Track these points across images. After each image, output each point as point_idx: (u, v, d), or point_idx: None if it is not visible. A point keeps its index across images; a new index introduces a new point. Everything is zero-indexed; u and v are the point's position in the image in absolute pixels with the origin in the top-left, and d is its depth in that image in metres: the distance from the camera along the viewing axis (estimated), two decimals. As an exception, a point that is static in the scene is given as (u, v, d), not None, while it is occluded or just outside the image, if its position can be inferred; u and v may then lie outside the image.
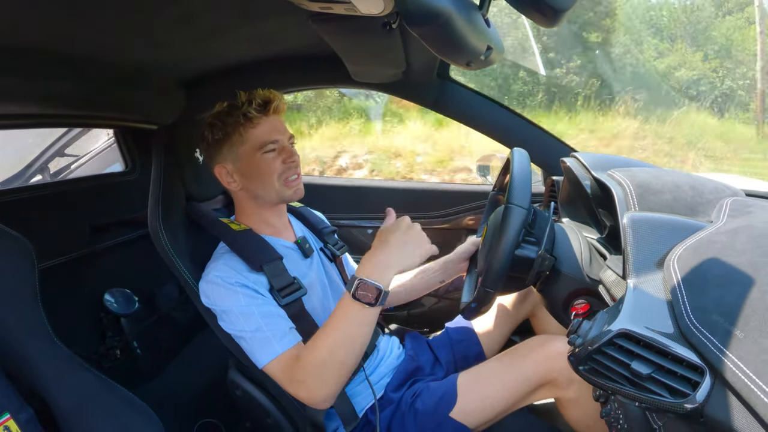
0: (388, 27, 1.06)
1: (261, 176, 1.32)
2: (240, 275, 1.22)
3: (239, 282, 1.20)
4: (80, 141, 3.20)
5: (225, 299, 1.19)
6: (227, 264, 1.24)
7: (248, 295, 1.20)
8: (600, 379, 0.72)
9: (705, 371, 0.61)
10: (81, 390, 1.01)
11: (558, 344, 1.25)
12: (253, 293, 1.20)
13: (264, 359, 1.16)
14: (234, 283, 1.20)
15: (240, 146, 1.31)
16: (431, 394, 1.32)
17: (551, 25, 0.85)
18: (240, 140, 1.31)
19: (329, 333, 1.12)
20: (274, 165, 1.32)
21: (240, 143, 1.31)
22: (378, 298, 1.07)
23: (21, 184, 2.89)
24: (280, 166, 1.32)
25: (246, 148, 1.31)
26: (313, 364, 1.11)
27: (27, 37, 0.97)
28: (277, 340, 1.16)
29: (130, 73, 1.34)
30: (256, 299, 1.20)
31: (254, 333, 1.17)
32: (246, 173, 1.33)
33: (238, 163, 1.33)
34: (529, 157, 1.17)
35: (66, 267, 1.69)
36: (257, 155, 1.31)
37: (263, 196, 1.36)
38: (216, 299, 1.21)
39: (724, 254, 0.72)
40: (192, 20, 1.08)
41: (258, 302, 1.20)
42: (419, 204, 2.23)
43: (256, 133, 1.31)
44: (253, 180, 1.33)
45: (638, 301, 0.76)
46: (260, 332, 1.16)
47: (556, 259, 1.11)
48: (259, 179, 1.33)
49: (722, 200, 0.93)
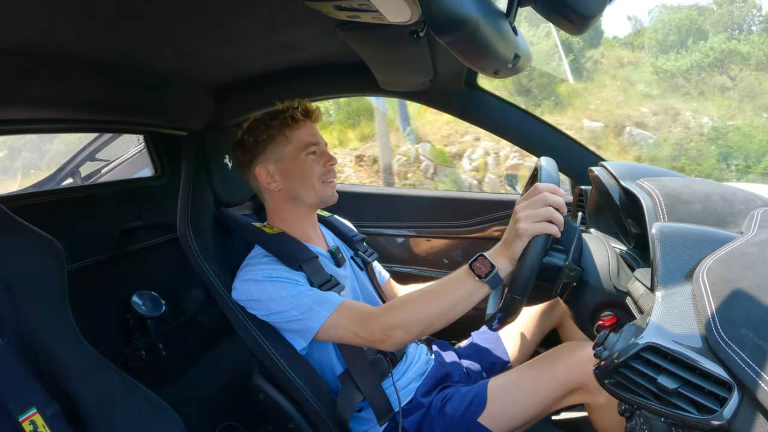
0: (416, 35, 1.06)
1: (303, 176, 1.38)
2: (282, 270, 1.28)
3: (282, 276, 1.26)
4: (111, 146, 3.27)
5: (270, 290, 1.25)
6: (268, 264, 1.30)
7: (293, 282, 1.26)
8: (626, 393, 0.70)
9: (733, 387, 0.59)
10: (105, 389, 1.03)
11: (588, 350, 1.25)
12: (297, 282, 1.26)
13: (323, 316, 1.22)
14: (277, 276, 1.26)
15: (285, 146, 1.38)
16: (461, 399, 1.33)
17: (579, 33, 0.84)
18: (285, 140, 1.38)
19: (432, 290, 1.17)
20: (316, 166, 1.38)
21: (285, 143, 1.38)
22: (489, 274, 1.08)
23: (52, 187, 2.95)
24: (321, 168, 1.39)
25: (290, 148, 1.38)
26: (405, 313, 1.17)
27: (62, 44, 1.00)
28: (330, 298, 1.25)
29: (161, 79, 1.38)
30: (299, 284, 1.26)
31: (304, 307, 1.23)
32: (288, 173, 1.38)
33: (281, 163, 1.38)
34: (556, 166, 1.16)
35: (94, 269, 1.72)
36: (301, 156, 1.37)
37: (302, 197, 1.40)
38: (259, 293, 1.26)
39: (755, 266, 0.71)
40: (221, 28, 1.10)
41: (302, 286, 1.26)
42: (447, 213, 2.22)
43: (301, 134, 1.38)
44: (294, 180, 1.38)
45: (666, 313, 0.74)
46: (310, 301, 1.23)
47: (583, 269, 1.10)
48: (300, 179, 1.38)
49: (753, 210, 0.91)
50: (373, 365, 1.37)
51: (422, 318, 1.15)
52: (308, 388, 1.28)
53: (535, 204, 1.04)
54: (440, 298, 1.14)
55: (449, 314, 1.14)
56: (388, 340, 1.18)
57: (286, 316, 1.24)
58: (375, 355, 1.39)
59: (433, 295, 1.15)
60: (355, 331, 1.21)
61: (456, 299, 1.12)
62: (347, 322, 1.21)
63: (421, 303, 1.16)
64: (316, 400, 1.28)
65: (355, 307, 1.24)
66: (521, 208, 1.05)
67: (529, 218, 1.03)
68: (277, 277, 1.26)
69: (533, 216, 1.02)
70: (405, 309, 1.18)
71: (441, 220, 2.19)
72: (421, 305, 1.16)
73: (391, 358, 1.42)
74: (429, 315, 1.15)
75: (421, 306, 1.16)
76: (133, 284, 1.91)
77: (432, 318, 1.14)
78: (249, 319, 1.29)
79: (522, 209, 1.05)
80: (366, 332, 1.19)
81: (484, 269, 1.08)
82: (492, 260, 1.08)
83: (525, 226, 1.02)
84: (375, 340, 1.19)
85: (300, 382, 1.27)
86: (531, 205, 1.04)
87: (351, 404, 1.31)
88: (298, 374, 1.28)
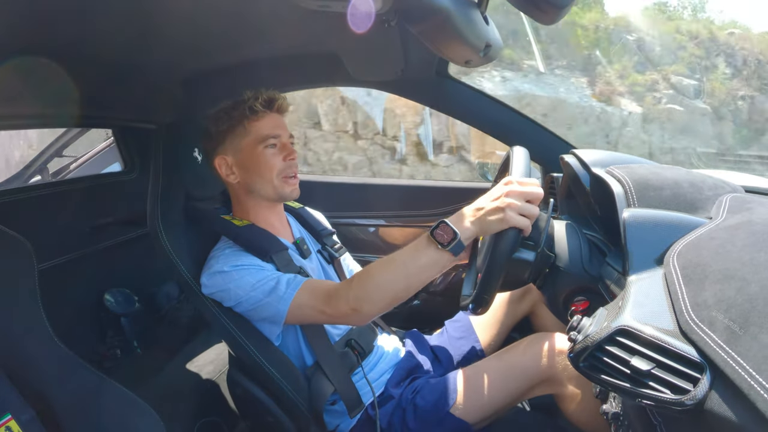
0: (387, 25, 1.06)
1: (260, 170, 1.34)
2: (246, 257, 1.27)
3: (246, 262, 1.26)
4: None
5: (235, 277, 1.24)
6: (234, 254, 1.29)
7: (257, 267, 1.26)
8: (600, 376, 0.72)
9: (705, 367, 0.60)
10: (82, 390, 1.01)
11: (557, 341, 1.27)
12: (261, 267, 1.26)
13: (289, 296, 1.21)
14: (242, 264, 1.25)
15: (243, 138, 1.34)
16: (431, 390, 1.34)
17: (551, 22, 0.85)
18: (243, 132, 1.34)
19: (394, 259, 1.13)
20: (274, 161, 1.34)
21: (243, 135, 1.34)
22: (451, 242, 1.05)
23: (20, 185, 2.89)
24: (280, 163, 1.35)
25: (248, 140, 1.34)
26: (368, 284, 1.15)
27: (25, 37, 0.97)
28: (294, 279, 1.25)
29: (129, 72, 1.34)
30: (263, 269, 1.26)
31: (269, 288, 1.22)
32: (246, 166, 1.36)
33: (239, 155, 1.35)
34: (528, 155, 1.17)
35: (66, 267, 1.69)
36: (258, 148, 1.33)
37: (260, 191, 1.37)
38: (225, 282, 1.25)
39: (724, 250, 0.72)
40: (189, 19, 1.08)
41: (267, 271, 1.26)
42: (418, 201, 2.22)
43: (259, 126, 1.34)
44: (251, 174, 1.36)
45: (638, 297, 0.76)
46: (274, 282, 1.23)
47: (555, 256, 1.11)
48: (257, 173, 1.35)
49: (722, 197, 0.93)
50: (341, 358, 1.37)
51: (387, 288, 1.13)
52: (285, 381, 1.28)
53: (528, 196, 1.02)
54: (402, 268, 1.12)
55: (414, 283, 1.13)
56: (355, 314, 1.16)
57: (254, 302, 1.23)
58: (343, 349, 1.40)
59: (395, 266, 1.13)
60: (322, 309, 1.20)
61: (419, 267, 1.10)
62: (313, 300, 1.20)
63: (384, 273, 1.14)
64: (294, 393, 1.28)
65: (319, 285, 1.24)
66: (514, 193, 1.01)
67: (516, 208, 1.00)
68: (242, 265, 1.25)
69: (521, 208, 1.00)
70: (368, 280, 1.16)
71: (412, 209, 2.20)
72: (384, 275, 1.14)
73: (360, 351, 1.42)
74: (393, 285, 1.13)
75: (383, 276, 1.14)
76: (105, 282, 1.88)
77: (397, 288, 1.13)
78: (223, 314, 1.28)
79: (514, 195, 1.01)
80: (332, 308, 1.18)
81: (446, 236, 1.05)
82: (454, 227, 1.05)
83: (511, 214, 1.00)
84: (342, 314, 1.18)
85: (277, 374, 1.27)
86: (523, 195, 1.01)
87: (323, 396, 1.30)
88: (275, 366, 1.28)
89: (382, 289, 1.14)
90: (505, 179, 1.06)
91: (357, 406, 1.34)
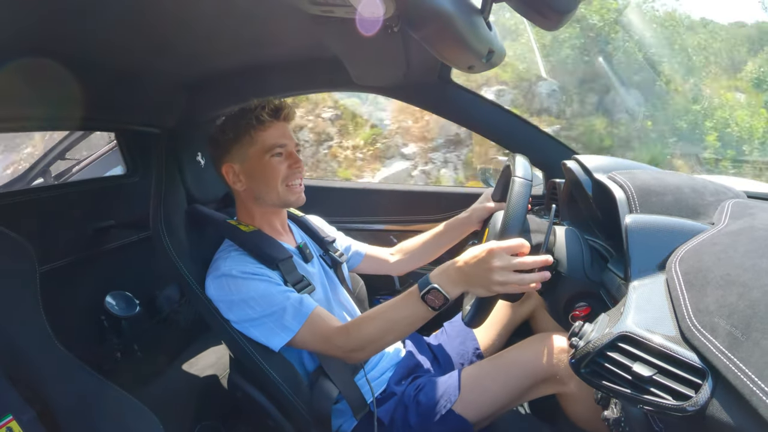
0: (390, 30, 1.06)
1: (266, 179, 1.35)
2: (257, 267, 1.28)
3: (258, 272, 1.26)
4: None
5: (243, 288, 1.24)
6: (241, 258, 1.29)
7: (266, 279, 1.26)
8: (601, 382, 0.71)
9: (707, 373, 0.60)
10: (81, 392, 1.01)
11: (559, 340, 1.28)
12: (269, 279, 1.27)
13: (292, 328, 1.24)
14: (252, 273, 1.26)
15: (249, 147, 1.35)
16: (434, 388, 1.35)
17: (553, 28, 0.85)
18: (250, 141, 1.35)
19: (386, 317, 1.20)
20: (280, 169, 1.35)
21: (249, 144, 1.35)
22: (442, 306, 1.10)
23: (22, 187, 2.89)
24: (286, 170, 1.36)
25: (255, 149, 1.35)
26: (361, 337, 1.21)
27: (30, 40, 0.98)
28: (301, 308, 1.25)
29: (132, 76, 1.35)
30: (272, 282, 1.27)
31: (274, 315, 1.24)
32: (252, 174, 1.36)
33: (246, 164, 1.36)
34: (529, 162, 1.17)
35: (67, 270, 1.69)
36: (265, 158, 1.34)
37: (265, 198, 1.38)
38: (232, 290, 1.25)
39: (726, 256, 0.72)
40: (193, 24, 1.08)
41: (277, 286, 1.27)
42: (419, 207, 2.22)
43: (266, 136, 1.35)
44: (257, 182, 1.37)
45: (640, 303, 0.76)
46: (282, 309, 1.24)
47: (557, 261, 1.11)
48: (263, 181, 1.36)
49: (724, 202, 0.93)
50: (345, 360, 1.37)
51: (379, 341, 1.21)
52: (286, 384, 1.27)
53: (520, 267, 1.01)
54: (394, 325, 1.19)
55: (403, 334, 1.23)
56: (347, 358, 1.26)
57: (256, 324, 1.25)
58: None
59: (388, 324, 1.19)
60: (318, 348, 1.27)
61: (409, 324, 1.17)
62: (312, 340, 1.25)
63: (378, 330, 1.20)
64: (295, 397, 1.27)
65: (320, 327, 1.25)
66: (500, 264, 1.01)
67: (502, 284, 1.01)
68: (251, 273, 1.25)
69: (512, 280, 1.01)
70: (363, 333, 1.21)
71: (414, 214, 2.20)
72: (377, 332, 1.20)
73: None
74: (385, 337, 1.21)
75: (377, 332, 1.20)
76: (107, 284, 1.88)
77: (388, 340, 1.22)
78: (224, 317, 1.28)
79: (499, 267, 1.00)
80: (328, 350, 1.26)
81: (438, 302, 1.09)
82: (445, 293, 1.08)
83: (497, 289, 1.02)
84: (335, 356, 1.26)
85: (278, 378, 1.26)
86: (513, 266, 1.01)
87: (329, 398, 1.31)
88: (276, 370, 1.27)
89: (375, 342, 1.21)
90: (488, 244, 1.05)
91: (362, 407, 1.35)
